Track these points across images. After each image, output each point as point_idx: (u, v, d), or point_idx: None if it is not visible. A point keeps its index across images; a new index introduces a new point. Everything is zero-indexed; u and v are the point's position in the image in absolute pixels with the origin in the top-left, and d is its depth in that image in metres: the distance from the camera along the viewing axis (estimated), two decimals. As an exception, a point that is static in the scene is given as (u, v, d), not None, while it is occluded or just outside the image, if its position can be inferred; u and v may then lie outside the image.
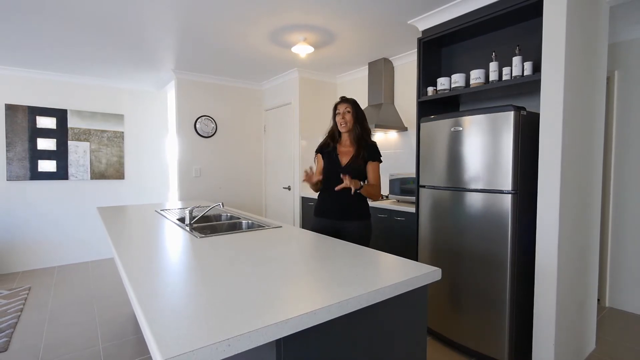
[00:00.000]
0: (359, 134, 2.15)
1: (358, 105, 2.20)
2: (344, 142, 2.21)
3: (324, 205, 2.19)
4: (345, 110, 2.14)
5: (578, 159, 2.07)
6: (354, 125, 2.14)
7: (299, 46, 3.15)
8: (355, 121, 2.14)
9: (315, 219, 2.23)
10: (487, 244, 2.14)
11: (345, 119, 2.13)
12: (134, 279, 1.10)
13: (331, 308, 0.91)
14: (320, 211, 2.21)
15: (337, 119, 2.17)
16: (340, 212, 2.12)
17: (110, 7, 2.52)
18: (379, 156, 2.21)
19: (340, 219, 2.13)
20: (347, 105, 2.15)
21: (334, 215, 2.14)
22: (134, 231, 1.90)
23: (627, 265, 2.98)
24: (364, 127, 2.17)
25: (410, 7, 2.55)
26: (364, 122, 2.18)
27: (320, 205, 2.21)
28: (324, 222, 2.17)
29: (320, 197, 2.24)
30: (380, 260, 1.34)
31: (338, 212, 2.13)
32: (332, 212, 2.15)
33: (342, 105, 2.15)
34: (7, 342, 2.43)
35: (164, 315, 0.84)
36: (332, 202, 2.15)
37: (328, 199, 2.17)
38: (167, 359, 0.66)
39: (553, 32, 1.92)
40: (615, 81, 3.02)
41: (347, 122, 2.13)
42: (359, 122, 2.15)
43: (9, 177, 4.00)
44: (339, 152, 2.19)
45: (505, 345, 2.07)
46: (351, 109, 2.14)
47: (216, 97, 4.60)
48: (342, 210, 2.12)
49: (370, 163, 2.16)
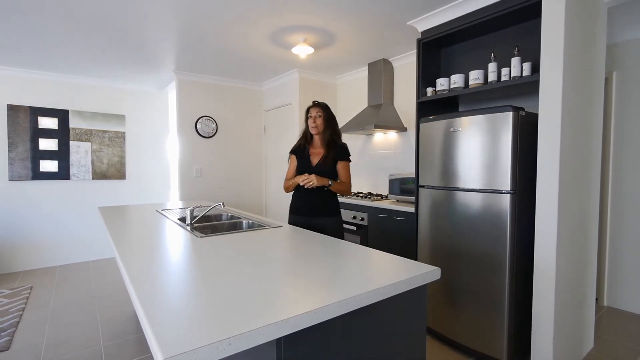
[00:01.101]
0: (329, 136, 2.28)
1: (329, 109, 2.32)
2: (315, 144, 2.34)
3: (298, 203, 2.34)
4: (317, 114, 2.27)
5: (576, 159, 2.08)
6: (324, 128, 2.27)
7: (299, 47, 3.16)
8: (326, 124, 2.27)
9: (291, 216, 2.38)
10: (486, 243, 2.15)
11: (317, 123, 2.26)
12: (135, 278, 1.11)
13: (331, 307, 0.92)
14: (295, 209, 2.36)
15: (309, 122, 2.30)
16: (313, 210, 2.28)
17: (111, 8, 2.54)
18: (348, 156, 2.34)
19: (313, 216, 2.28)
20: (319, 109, 2.28)
21: (307, 212, 2.29)
22: (135, 231, 1.91)
23: (625, 265, 2.99)
24: (334, 130, 2.31)
25: (410, 8, 2.56)
26: (334, 125, 2.32)
27: (295, 204, 2.36)
28: (298, 219, 2.32)
29: (294, 196, 2.39)
30: (379, 260, 1.35)
31: (311, 209, 2.28)
32: (305, 209, 2.30)
33: (314, 109, 2.28)
34: (9, 341, 2.44)
35: (164, 314, 0.85)
36: (305, 200, 2.29)
37: (302, 198, 2.31)
38: (168, 357, 0.67)
39: (552, 33, 1.93)
40: (614, 82, 3.03)
41: (318, 125, 2.26)
42: (330, 125, 2.29)
43: (11, 177, 4.02)
44: (311, 153, 2.32)
45: (504, 344, 2.08)
46: (322, 113, 2.27)
47: (217, 97, 4.61)
48: (314, 208, 2.28)
49: (340, 162, 2.29)
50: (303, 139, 2.36)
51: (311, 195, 2.26)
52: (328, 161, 2.25)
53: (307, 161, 2.29)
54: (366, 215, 3.30)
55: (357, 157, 4.30)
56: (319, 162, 2.27)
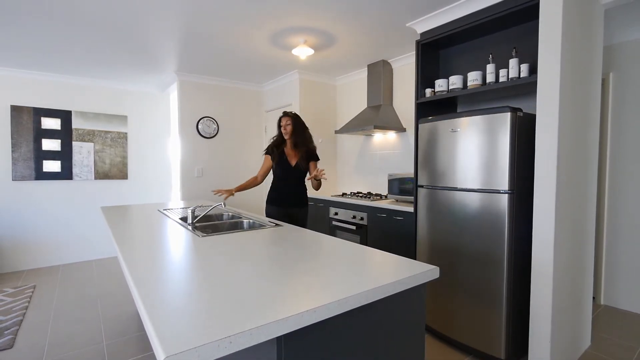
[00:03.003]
0: (298, 141, 2.73)
1: (298, 118, 2.77)
2: (288, 147, 2.79)
3: (278, 195, 2.78)
4: (287, 123, 2.72)
5: (573, 159, 2.10)
6: (293, 134, 2.71)
7: (299, 48, 3.19)
8: (295, 131, 2.71)
9: (269, 206, 2.81)
10: (484, 242, 2.17)
11: (287, 130, 2.72)
12: (137, 277, 1.12)
13: (330, 306, 0.92)
14: (274, 200, 2.79)
15: (281, 129, 2.75)
16: (290, 201, 2.76)
17: (114, 11, 2.56)
18: (317, 158, 2.83)
19: (289, 206, 2.76)
20: (288, 119, 2.73)
21: (286, 203, 2.75)
22: (137, 230, 1.92)
23: (622, 264, 3.01)
24: (304, 135, 2.75)
25: (409, 10, 2.58)
26: (304, 131, 2.76)
27: (274, 196, 2.79)
28: (276, 209, 2.76)
29: (273, 189, 2.81)
30: (379, 259, 1.36)
31: (288, 201, 2.76)
32: (284, 201, 2.76)
33: (284, 119, 2.74)
34: (13, 340, 2.47)
35: (166, 313, 0.85)
36: (284, 193, 2.77)
37: (282, 191, 2.77)
38: (169, 355, 0.67)
39: (549, 35, 1.94)
40: (610, 83, 3.04)
41: (288, 132, 2.72)
42: (299, 132, 2.72)
43: (14, 177, 4.05)
44: (287, 154, 2.77)
45: (502, 342, 2.11)
46: (291, 122, 2.72)
47: (218, 98, 4.64)
48: (291, 199, 2.76)
49: (312, 163, 2.79)
50: (276, 142, 2.79)
51: (289, 189, 2.76)
52: (303, 161, 2.73)
53: (286, 161, 2.74)
54: (366, 215, 3.33)
55: (357, 157, 4.33)
56: (297, 162, 2.73)
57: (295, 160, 2.73)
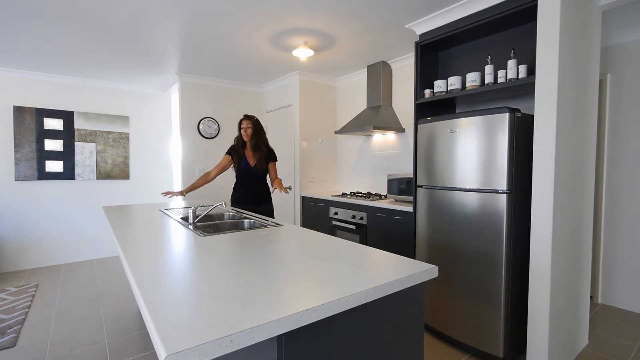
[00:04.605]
0: (257, 143, 2.88)
1: (257, 121, 2.92)
2: (248, 149, 2.94)
3: (240, 195, 2.97)
4: (247, 126, 2.86)
5: (571, 159, 2.12)
6: (253, 137, 2.87)
7: (299, 50, 3.21)
8: (254, 133, 2.86)
9: (234, 206, 2.95)
10: (483, 242, 2.19)
11: (247, 133, 2.86)
12: (139, 276, 1.12)
13: (330, 305, 0.93)
14: (237, 200, 2.99)
15: (241, 132, 2.89)
16: (253, 200, 2.95)
17: (116, 12, 2.58)
18: (276, 159, 3.02)
19: (252, 205, 2.95)
20: (248, 121, 2.86)
21: (249, 202, 2.94)
22: (139, 230, 1.93)
23: (619, 263, 3.03)
24: (261, 138, 2.92)
25: (408, 11, 2.59)
26: (262, 134, 2.93)
27: (238, 195, 2.99)
28: (241, 207, 2.93)
29: (237, 189, 3.00)
30: (378, 258, 1.36)
31: (251, 200, 2.95)
32: (246, 200, 2.95)
33: (245, 122, 2.87)
34: (15, 338, 2.49)
35: (168, 312, 0.86)
36: (246, 193, 2.95)
37: (244, 191, 2.96)
38: (170, 354, 0.67)
39: (547, 36, 1.96)
40: (608, 84, 3.06)
41: (248, 135, 2.87)
42: (257, 135, 2.88)
43: (17, 177, 4.08)
44: (247, 155, 2.93)
45: (500, 340, 2.13)
46: (251, 125, 2.86)
47: (219, 99, 4.66)
48: (253, 199, 2.95)
49: (271, 163, 2.98)
50: (237, 144, 2.94)
51: (250, 188, 2.94)
52: (262, 162, 2.91)
53: (246, 162, 2.91)
54: (365, 215, 3.35)
55: (356, 157, 4.35)
56: (256, 163, 2.89)
57: (254, 161, 2.89)
